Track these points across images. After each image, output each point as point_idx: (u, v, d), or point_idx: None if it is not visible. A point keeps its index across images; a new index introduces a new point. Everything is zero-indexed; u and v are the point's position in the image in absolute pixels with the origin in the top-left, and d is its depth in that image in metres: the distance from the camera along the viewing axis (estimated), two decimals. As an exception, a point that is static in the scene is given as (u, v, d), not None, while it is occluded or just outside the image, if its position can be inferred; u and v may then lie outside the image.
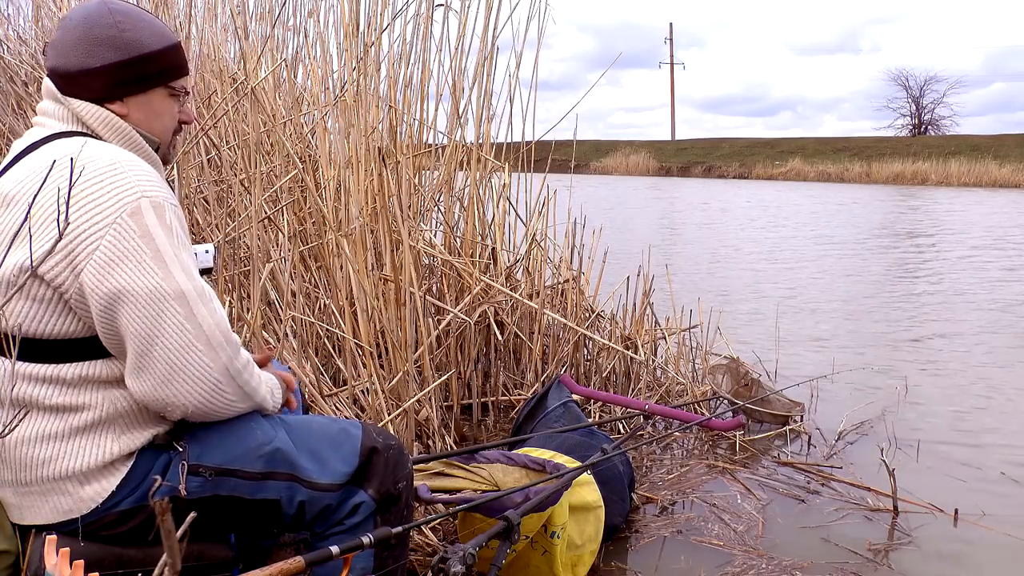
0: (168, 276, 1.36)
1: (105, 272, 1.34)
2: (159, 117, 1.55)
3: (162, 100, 1.55)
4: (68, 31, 1.48)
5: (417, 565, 2.22)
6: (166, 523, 0.75)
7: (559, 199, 3.92)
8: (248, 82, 3.00)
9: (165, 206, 1.40)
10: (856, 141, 42.90)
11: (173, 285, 1.36)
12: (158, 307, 1.35)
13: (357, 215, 2.92)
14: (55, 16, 4.71)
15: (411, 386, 2.86)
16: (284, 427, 1.57)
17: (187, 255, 1.41)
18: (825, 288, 7.94)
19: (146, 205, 1.37)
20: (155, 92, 1.54)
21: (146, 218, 1.37)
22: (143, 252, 1.36)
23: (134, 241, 1.35)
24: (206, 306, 1.38)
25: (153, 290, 1.35)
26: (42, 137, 1.49)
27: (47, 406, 1.41)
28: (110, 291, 1.35)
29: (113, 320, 1.37)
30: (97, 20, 1.47)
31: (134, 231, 1.35)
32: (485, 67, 3.71)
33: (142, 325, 1.35)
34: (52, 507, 1.43)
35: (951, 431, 3.72)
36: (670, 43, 56.11)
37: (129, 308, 1.35)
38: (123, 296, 1.35)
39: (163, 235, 1.38)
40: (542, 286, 3.79)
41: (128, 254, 1.35)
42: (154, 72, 1.52)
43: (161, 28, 1.55)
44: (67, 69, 1.48)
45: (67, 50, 1.48)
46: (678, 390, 3.92)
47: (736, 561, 2.42)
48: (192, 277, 1.39)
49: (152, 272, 1.35)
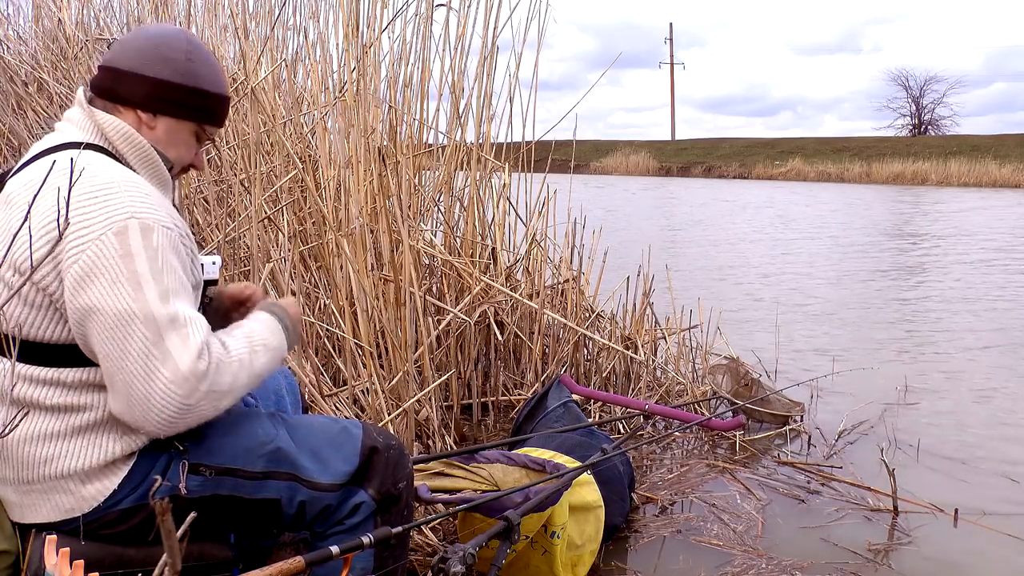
0: (140, 298, 1.34)
1: (80, 286, 1.34)
2: (177, 146, 1.58)
3: (188, 134, 1.59)
4: (140, 38, 1.55)
5: (417, 565, 2.22)
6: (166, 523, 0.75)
7: (559, 199, 3.92)
8: (248, 82, 3.01)
9: (155, 228, 1.39)
10: (856, 141, 42.93)
11: (144, 308, 1.34)
12: (125, 329, 1.33)
13: (357, 215, 2.92)
14: (55, 16, 4.71)
15: (411, 386, 2.87)
16: (285, 427, 1.58)
17: (171, 279, 1.38)
18: (825, 288, 7.94)
19: (134, 226, 1.36)
20: (187, 124, 1.58)
21: (130, 238, 1.36)
22: (119, 271, 1.34)
23: (113, 260, 1.34)
24: (178, 332, 1.35)
25: (122, 311, 1.33)
26: (56, 144, 1.50)
27: (48, 406, 1.41)
28: (82, 306, 1.35)
29: (85, 335, 1.37)
30: (172, 42, 1.54)
31: (115, 249, 1.35)
32: (485, 67, 3.71)
33: (109, 346, 1.34)
34: (53, 506, 1.43)
35: (951, 431, 3.72)
36: (670, 43, 56.17)
37: (98, 326, 1.34)
38: (93, 313, 1.34)
39: (144, 257, 1.36)
40: (542, 286, 3.79)
41: (104, 271, 1.34)
42: (196, 106, 1.57)
43: (221, 78, 1.61)
44: (120, 66, 1.52)
45: (131, 52, 1.53)
46: (678, 390, 3.92)
47: (736, 561, 2.42)
48: (167, 302, 1.36)
49: (124, 293, 1.34)
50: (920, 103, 50.58)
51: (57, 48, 4.60)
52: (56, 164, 1.42)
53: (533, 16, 3.76)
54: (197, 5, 4.21)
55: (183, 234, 1.48)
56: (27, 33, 4.86)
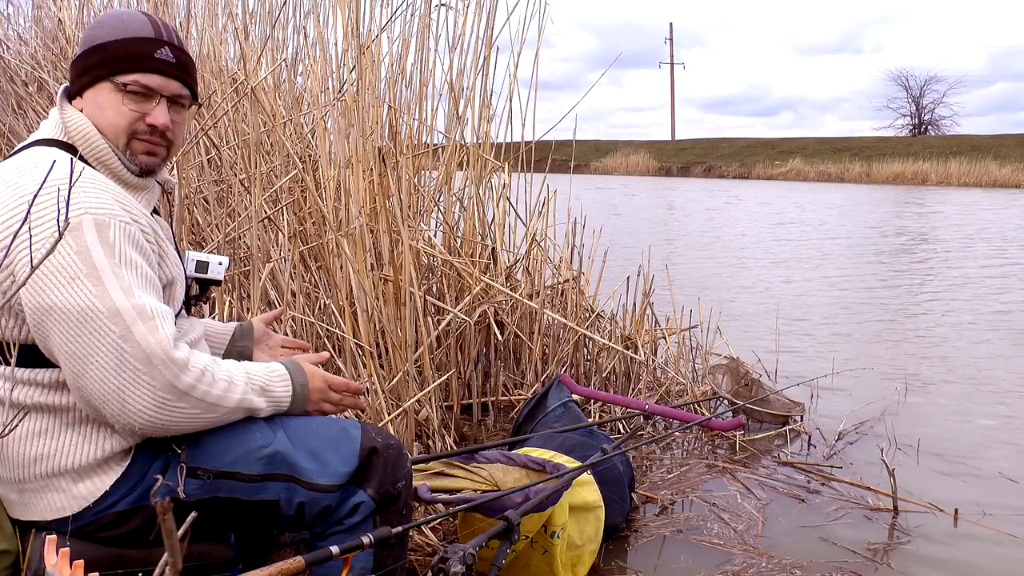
0: (103, 294, 1.32)
1: (36, 287, 1.32)
2: (103, 111, 1.49)
3: (108, 95, 1.48)
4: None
5: (417, 565, 2.22)
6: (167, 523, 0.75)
7: (559, 199, 3.92)
8: (248, 82, 3.00)
9: (111, 223, 1.36)
10: (856, 141, 42.94)
11: (107, 303, 1.32)
12: (91, 325, 1.31)
13: (357, 215, 2.92)
14: (55, 16, 4.71)
15: (411, 386, 2.87)
16: (284, 428, 1.57)
17: (132, 273, 1.36)
18: (825, 288, 7.94)
19: (88, 221, 1.34)
20: (100, 87, 1.49)
21: (85, 234, 1.33)
22: (77, 268, 1.32)
23: (69, 257, 1.32)
24: (145, 323, 1.33)
25: (85, 308, 1.31)
26: (26, 143, 1.51)
27: (31, 405, 1.41)
28: (40, 306, 1.32)
29: (45, 338, 1.34)
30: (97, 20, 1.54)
31: (70, 247, 1.32)
32: (484, 67, 3.71)
33: (74, 344, 1.32)
34: (46, 504, 1.43)
35: (951, 431, 3.72)
36: (670, 43, 56.20)
37: (60, 326, 1.32)
38: (53, 312, 1.32)
39: (102, 251, 1.34)
40: (542, 286, 3.79)
41: (60, 270, 1.32)
42: (95, 64, 1.48)
43: (129, 24, 1.49)
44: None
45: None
46: (678, 390, 3.92)
47: (736, 560, 2.42)
48: (131, 295, 1.34)
49: (85, 289, 1.32)
50: (920, 103, 50.66)
51: (57, 48, 4.59)
52: (18, 166, 1.42)
53: (532, 15, 3.76)
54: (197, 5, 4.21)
55: (147, 231, 1.44)
56: (27, 33, 4.86)
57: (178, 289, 1.56)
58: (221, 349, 1.83)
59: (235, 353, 1.82)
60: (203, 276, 1.79)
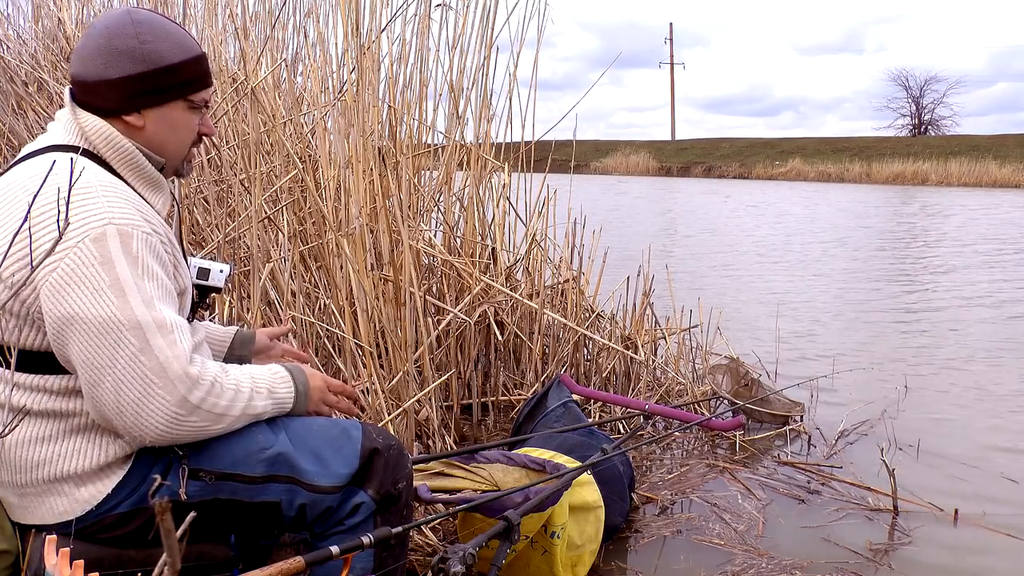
0: (125, 306, 1.32)
1: (59, 296, 1.32)
2: (176, 130, 1.52)
3: (180, 113, 1.52)
4: (90, 40, 1.48)
5: (417, 565, 2.22)
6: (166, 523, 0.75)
7: (559, 199, 3.92)
8: (248, 82, 3.00)
9: (134, 234, 1.36)
10: (856, 141, 42.93)
11: (129, 315, 1.32)
12: (112, 337, 1.32)
13: (357, 215, 2.92)
14: (55, 16, 4.71)
15: (411, 386, 2.86)
16: (285, 430, 1.56)
17: (154, 285, 1.37)
18: (825, 288, 7.94)
19: (112, 232, 1.34)
20: (173, 105, 1.51)
21: (109, 245, 1.33)
22: (101, 279, 1.32)
23: (93, 267, 1.32)
24: (164, 338, 1.34)
25: (107, 319, 1.31)
26: (41, 147, 1.49)
27: (38, 411, 1.41)
28: (62, 316, 1.32)
29: (63, 346, 1.34)
30: (118, 31, 1.46)
31: (94, 257, 1.32)
32: (484, 67, 3.71)
33: (93, 354, 1.32)
34: (48, 508, 1.43)
35: (951, 431, 3.72)
36: (670, 43, 56.19)
37: (80, 336, 1.32)
38: (74, 322, 1.32)
39: (125, 263, 1.34)
40: (542, 286, 3.79)
41: (84, 280, 1.32)
42: (172, 85, 1.49)
43: (183, 39, 1.52)
44: (86, 78, 1.47)
45: (88, 59, 1.47)
46: (678, 390, 3.92)
47: (736, 560, 2.42)
48: (152, 308, 1.34)
49: (108, 301, 1.32)
50: (920, 103, 50.65)
51: (57, 48, 4.59)
52: (36, 172, 1.40)
53: (532, 15, 3.76)
54: (197, 5, 4.21)
55: (164, 240, 1.45)
56: (27, 33, 4.86)
57: (188, 297, 1.56)
58: (220, 354, 1.83)
59: (234, 360, 1.82)
60: (204, 283, 1.78)
